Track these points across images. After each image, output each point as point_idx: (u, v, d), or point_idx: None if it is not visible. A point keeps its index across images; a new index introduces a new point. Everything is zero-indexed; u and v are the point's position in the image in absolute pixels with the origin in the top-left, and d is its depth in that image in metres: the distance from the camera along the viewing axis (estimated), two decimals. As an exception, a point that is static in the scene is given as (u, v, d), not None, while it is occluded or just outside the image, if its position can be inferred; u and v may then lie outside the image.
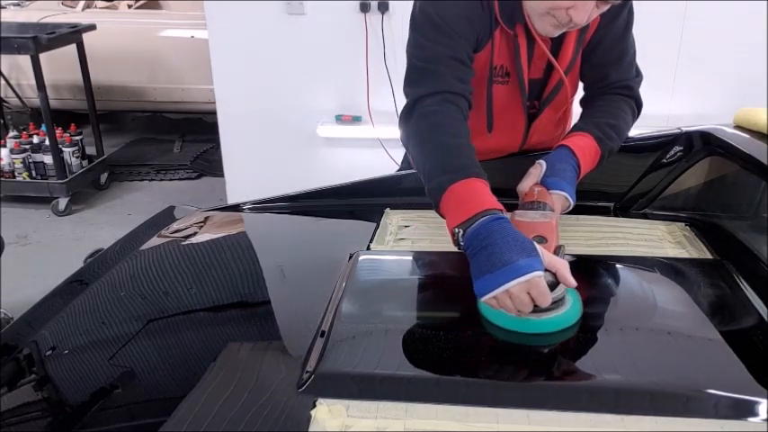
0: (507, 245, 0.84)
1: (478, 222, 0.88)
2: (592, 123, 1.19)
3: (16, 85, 4.26)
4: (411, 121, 1.09)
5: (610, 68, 1.25)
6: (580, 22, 1.06)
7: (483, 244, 0.85)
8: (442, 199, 0.96)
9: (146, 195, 3.90)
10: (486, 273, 0.83)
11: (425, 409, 0.72)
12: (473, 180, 0.95)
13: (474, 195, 0.93)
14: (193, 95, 4.34)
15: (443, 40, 1.10)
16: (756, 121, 1.28)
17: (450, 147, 1.02)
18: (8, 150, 3.54)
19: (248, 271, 1.13)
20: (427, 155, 1.03)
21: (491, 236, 0.85)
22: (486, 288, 0.83)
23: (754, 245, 1.12)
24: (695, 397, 0.74)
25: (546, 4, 1.07)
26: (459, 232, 0.90)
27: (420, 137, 1.06)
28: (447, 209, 0.95)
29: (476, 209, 0.90)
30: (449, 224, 0.93)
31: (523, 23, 1.15)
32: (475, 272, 0.86)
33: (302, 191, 1.39)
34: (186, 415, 0.73)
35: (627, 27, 1.23)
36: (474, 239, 0.87)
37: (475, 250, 0.86)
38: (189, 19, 4.35)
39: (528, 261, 0.82)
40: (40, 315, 1.02)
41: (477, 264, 0.85)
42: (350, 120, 2.98)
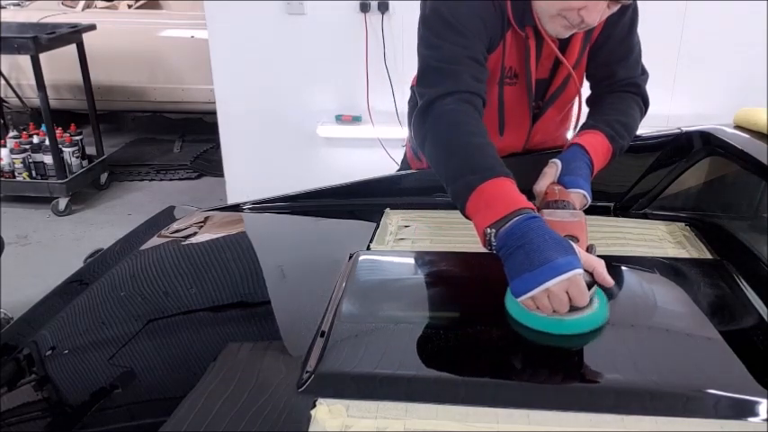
0: (545, 243, 0.83)
1: (513, 222, 0.87)
2: (603, 121, 1.19)
3: (16, 85, 4.26)
4: (428, 121, 1.07)
5: (617, 66, 1.25)
6: (592, 22, 1.06)
7: (519, 243, 0.84)
8: (470, 199, 0.94)
9: (146, 195, 3.90)
10: (525, 271, 0.82)
11: (425, 409, 0.72)
12: (502, 179, 0.94)
13: (504, 195, 0.92)
14: (193, 95, 4.33)
15: (459, 39, 1.09)
16: (756, 121, 1.28)
17: (474, 146, 1.00)
18: (8, 150, 3.54)
19: (248, 271, 1.13)
20: (449, 155, 1.01)
21: (527, 234, 0.84)
22: (525, 287, 0.82)
23: (754, 245, 1.12)
24: (695, 397, 0.74)
25: (557, 6, 1.07)
26: (491, 232, 0.88)
27: (439, 137, 1.05)
28: (476, 209, 0.93)
29: (508, 208, 0.88)
30: (479, 225, 0.92)
31: (533, 25, 1.15)
32: (512, 271, 0.85)
33: (302, 191, 1.39)
34: (186, 415, 0.73)
35: (632, 25, 1.24)
36: (509, 239, 0.86)
37: (510, 250, 0.85)
38: (189, 19, 4.35)
39: (567, 259, 0.81)
40: (40, 315, 1.02)
41: (514, 263, 0.84)
42: (350, 120, 2.98)
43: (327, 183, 1.39)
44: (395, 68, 2.84)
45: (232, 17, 2.87)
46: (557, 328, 0.84)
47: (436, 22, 1.11)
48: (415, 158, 1.51)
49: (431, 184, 1.38)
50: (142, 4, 5.04)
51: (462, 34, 1.09)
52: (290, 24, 2.85)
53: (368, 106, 2.91)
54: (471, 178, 0.94)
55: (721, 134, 1.29)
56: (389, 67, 2.84)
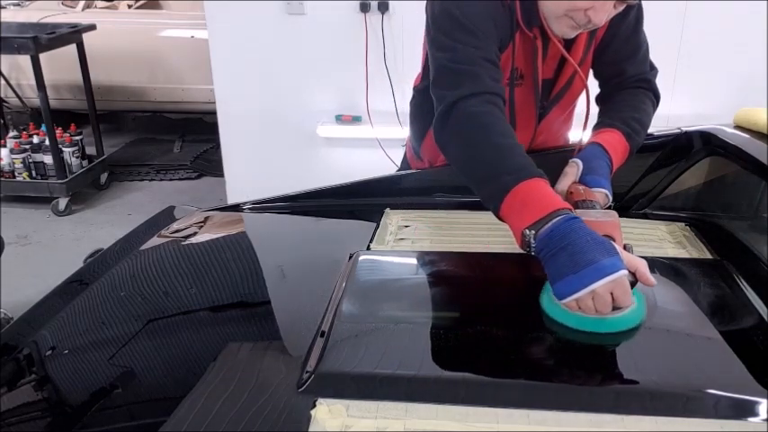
0: (588, 244, 0.82)
1: (553, 223, 0.86)
2: (618, 119, 1.18)
3: (16, 85, 4.26)
4: (451, 124, 1.05)
5: (625, 64, 1.26)
6: (599, 22, 1.06)
7: (561, 244, 0.84)
8: (505, 201, 0.93)
9: (146, 195, 3.90)
10: (569, 273, 0.82)
11: (425, 409, 0.72)
12: (537, 180, 0.93)
13: (541, 195, 0.91)
14: (193, 95, 4.34)
15: (472, 41, 1.08)
16: (756, 121, 1.28)
17: (506, 147, 0.99)
18: (8, 150, 3.54)
19: (248, 271, 1.13)
20: (479, 157, 1.00)
21: (569, 236, 0.84)
22: (570, 289, 0.82)
23: (754, 245, 1.12)
24: (695, 397, 0.74)
25: (564, 6, 1.07)
26: (531, 234, 0.88)
27: (467, 139, 1.04)
28: (511, 211, 0.93)
29: (546, 209, 0.88)
30: (516, 226, 0.91)
31: (539, 26, 1.15)
32: (554, 273, 0.84)
33: (302, 191, 1.39)
34: (186, 415, 0.73)
35: (638, 22, 1.24)
36: (550, 240, 0.85)
37: (552, 251, 0.85)
38: (189, 19, 4.35)
39: (612, 260, 0.81)
40: (40, 315, 1.02)
41: (557, 265, 0.84)
42: (350, 120, 2.98)
43: (327, 183, 1.39)
44: (395, 68, 2.84)
45: (232, 17, 2.87)
46: (599, 326, 0.83)
47: (448, 23, 1.10)
48: (416, 158, 1.51)
49: (431, 184, 1.38)
50: (142, 4, 5.04)
51: (476, 35, 1.09)
52: (290, 24, 2.85)
53: (368, 106, 2.91)
54: (506, 179, 0.93)
55: (721, 134, 1.29)
56: (389, 67, 2.84)
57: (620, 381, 0.79)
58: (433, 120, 1.10)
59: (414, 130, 1.48)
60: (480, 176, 1.00)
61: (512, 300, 0.99)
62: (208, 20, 2.91)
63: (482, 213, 1.27)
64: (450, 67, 1.09)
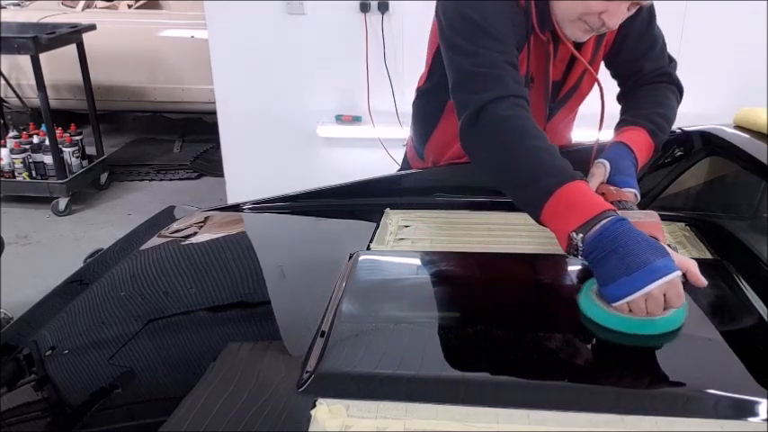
0: (639, 246, 0.81)
1: (601, 225, 0.85)
2: (642, 116, 1.18)
3: (16, 85, 4.26)
4: (480, 128, 1.03)
5: (642, 61, 1.25)
6: (613, 26, 1.06)
7: (612, 246, 0.83)
8: (547, 204, 0.91)
9: (146, 195, 3.90)
10: (622, 276, 0.81)
11: (425, 409, 0.72)
12: (579, 182, 0.92)
13: (586, 197, 0.90)
14: (193, 95, 4.34)
15: (494, 44, 1.07)
16: (756, 121, 1.28)
17: (543, 150, 0.98)
18: (8, 150, 3.54)
19: (248, 271, 1.13)
20: (516, 161, 0.98)
21: (619, 238, 0.83)
22: (623, 291, 0.81)
23: (754, 245, 1.12)
24: (695, 397, 0.74)
25: (578, 10, 1.07)
26: (578, 237, 0.87)
27: (500, 143, 1.01)
28: (555, 214, 0.91)
29: (592, 211, 0.87)
30: (561, 229, 0.90)
31: (551, 29, 1.14)
32: (605, 276, 0.83)
33: (302, 191, 1.39)
34: (186, 415, 0.73)
35: (651, 19, 1.23)
36: (600, 243, 0.84)
37: (602, 254, 0.84)
38: (189, 19, 4.35)
39: (665, 261, 0.80)
40: (40, 315, 1.02)
41: (608, 268, 0.83)
42: (350, 120, 2.98)
43: (327, 183, 1.39)
44: (395, 68, 2.84)
45: (232, 17, 2.87)
46: (649, 328, 0.83)
47: (468, 27, 1.08)
48: (417, 158, 1.51)
49: (431, 184, 1.38)
50: (142, 4, 5.04)
51: (497, 39, 1.07)
52: (290, 24, 2.85)
53: (368, 106, 2.91)
54: (547, 182, 0.92)
55: (721, 134, 1.29)
56: (389, 67, 2.84)
57: (620, 381, 0.79)
58: (459, 125, 1.08)
59: (417, 131, 1.47)
60: (518, 181, 0.98)
61: (512, 300, 0.99)
62: (208, 20, 2.91)
63: (482, 213, 1.27)
64: (473, 72, 1.07)
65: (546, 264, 1.07)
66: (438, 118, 1.36)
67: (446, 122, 1.35)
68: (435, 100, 1.34)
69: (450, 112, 1.31)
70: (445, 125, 1.35)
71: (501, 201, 1.30)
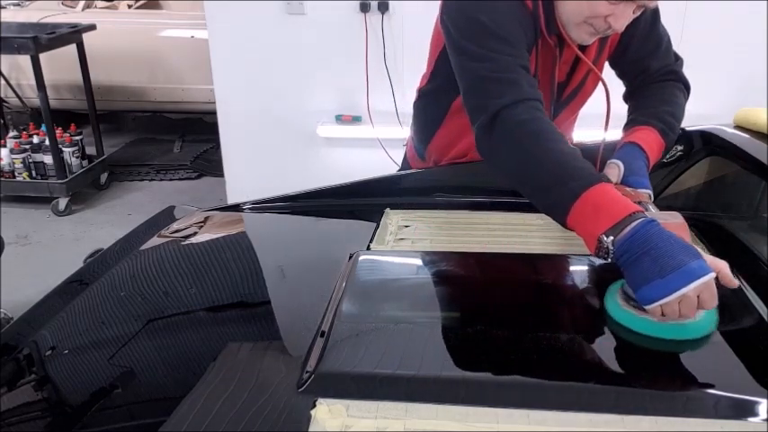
0: (672, 248, 0.81)
1: (632, 227, 0.84)
2: (652, 115, 1.17)
3: (16, 85, 4.26)
4: (499, 133, 1.02)
5: (649, 60, 1.25)
6: (619, 28, 1.06)
7: (644, 248, 0.82)
8: (574, 207, 0.90)
9: (146, 195, 3.90)
10: (656, 278, 0.80)
11: (425, 409, 0.72)
12: (605, 184, 0.91)
13: (614, 199, 0.89)
14: (193, 95, 4.34)
15: (507, 49, 1.06)
16: (756, 121, 1.28)
17: (566, 153, 0.97)
18: (8, 150, 3.54)
19: (248, 271, 1.13)
20: (539, 165, 0.97)
21: (651, 239, 0.82)
22: (657, 294, 0.80)
23: (754, 245, 1.12)
24: (695, 397, 0.74)
25: (584, 13, 1.06)
26: (608, 240, 0.86)
27: (521, 147, 1.00)
28: (582, 217, 0.90)
29: (621, 213, 0.86)
30: (589, 232, 0.89)
31: (557, 33, 1.14)
32: (638, 279, 0.82)
33: (302, 191, 1.39)
34: (186, 415, 0.73)
35: (655, 18, 1.23)
36: (631, 245, 0.83)
37: (634, 256, 0.83)
38: (189, 19, 4.35)
39: (698, 263, 0.79)
40: (40, 315, 1.02)
41: (641, 270, 0.82)
42: (350, 120, 2.98)
43: (327, 183, 1.39)
44: (395, 68, 2.84)
45: (232, 17, 2.87)
46: (682, 333, 0.82)
47: (478, 31, 1.07)
48: (417, 159, 1.51)
49: (431, 184, 1.38)
50: (142, 4, 5.04)
51: (509, 43, 1.07)
52: (290, 24, 2.85)
53: (368, 106, 2.91)
54: (573, 185, 0.91)
55: (721, 134, 1.29)
56: (389, 67, 2.84)
57: (620, 381, 0.79)
58: (474, 130, 1.07)
59: (419, 132, 1.47)
60: (541, 184, 0.97)
61: (511, 300, 0.99)
62: (208, 20, 2.91)
63: (482, 213, 1.27)
64: (486, 76, 1.06)
65: (546, 264, 1.07)
66: (441, 119, 1.36)
67: (450, 123, 1.35)
68: (439, 101, 1.34)
69: (453, 114, 1.31)
70: (449, 126, 1.35)
71: (501, 201, 1.30)
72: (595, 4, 1.05)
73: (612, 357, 0.84)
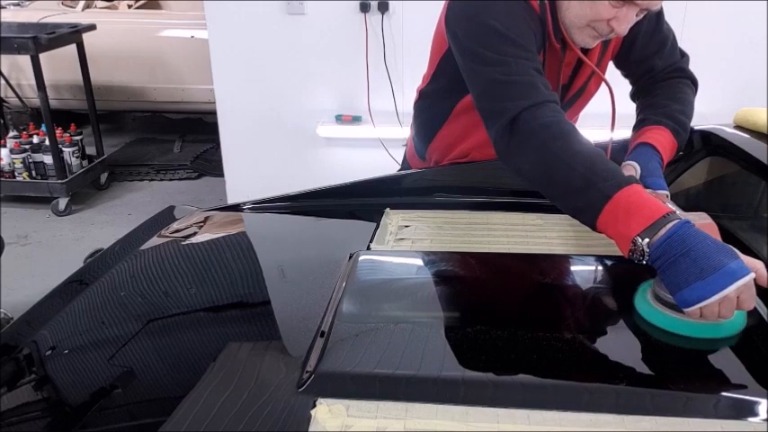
0: (710, 249, 0.80)
1: (668, 229, 0.83)
2: (664, 114, 1.17)
3: (16, 85, 4.26)
4: (521, 136, 1.02)
5: (654, 59, 1.25)
6: (622, 32, 1.06)
7: (682, 250, 0.81)
8: (605, 210, 0.90)
9: (146, 195, 3.90)
10: (696, 280, 0.79)
11: (425, 409, 0.72)
12: (635, 185, 0.90)
13: (646, 201, 0.88)
14: (193, 95, 4.34)
15: (521, 52, 1.06)
16: (756, 121, 1.28)
17: (593, 154, 0.96)
18: (8, 150, 3.54)
19: (248, 271, 1.13)
20: (566, 167, 0.96)
21: (688, 240, 0.81)
22: (699, 296, 0.79)
23: (754, 245, 1.12)
24: (695, 397, 0.74)
25: (587, 17, 1.07)
26: (644, 242, 0.85)
27: (546, 150, 0.99)
28: (613, 219, 0.89)
29: (654, 215, 0.85)
30: (622, 234, 0.88)
31: (561, 37, 1.14)
32: (678, 281, 0.81)
33: (302, 191, 1.39)
34: (186, 415, 0.73)
35: (659, 18, 1.24)
36: (668, 247, 0.82)
37: (672, 258, 0.82)
38: (189, 19, 4.35)
39: (737, 263, 0.79)
40: (40, 315, 1.02)
41: (680, 272, 0.81)
42: (350, 120, 2.98)
43: (327, 183, 1.39)
44: (395, 68, 2.84)
45: (232, 17, 2.87)
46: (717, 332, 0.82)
47: (491, 36, 1.06)
48: (418, 159, 1.51)
49: (431, 184, 1.38)
50: (142, 4, 5.04)
51: (522, 46, 1.06)
52: (290, 24, 2.86)
53: (368, 106, 2.91)
54: (603, 187, 0.90)
55: (721, 134, 1.29)
56: (389, 67, 2.84)
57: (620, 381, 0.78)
58: (492, 134, 1.06)
59: (420, 132, 1.47)
60: (570, 187, 0.95)
61: (511, 299, 0.99)
62: (208, 20, 2.91)
63: (482, 213, 1.27)
64: (503, 80, 1.05)
65: (546, 263, 1.07)
66: (444, 120, 1.36)
67: (452, 124, 1.35)
68: (441, 102, 1.34)
69: (457, 115, 1.31)
70: (451, 127, 1.35)
71: (501, 201, 1.30)
72: (598, 7, 1.05)
73: (613, 357, 0.84)
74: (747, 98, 1.95)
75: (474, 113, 1.14)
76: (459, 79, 1.15)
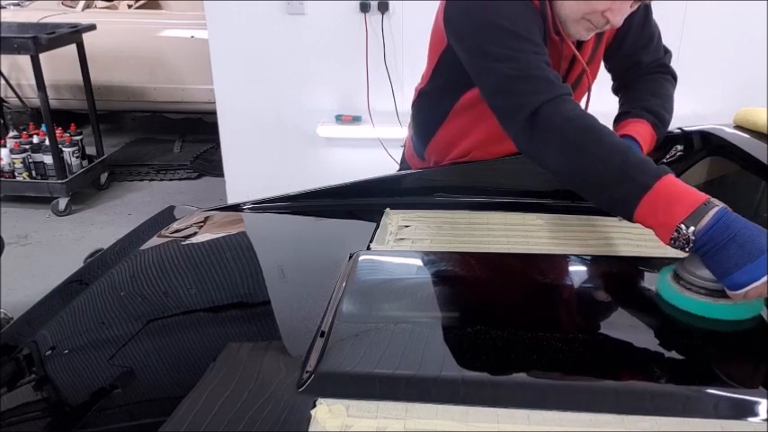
0: (752, 233, 0.82)
1: (712, 215, 0.84)
2: (644, 108, 1.19)
3: (16, 85, 4.26)
4: (544, 130, 1.01)
5: (641, 55, 1.28)
6: (617, 24, 1.07)
7: (729, 235, 0.83)
8: (644, 200, 0.90)
9: (146, 195, 3.90)
10: (746, 263, 0.81)
11: (425, 409, 0.72)
12: (671, 175, 0.91)
13: (685, 190, 0.89)
14: (193, 95, 4.34)
15: (530, 47, 1.06)
16: (756, 121, 1.28)
17: (624, 146, 0.96)
18: (8, 150, 3.55)
19: (248, 271, 1.13)
20: (600, 161, 0.96)
21: (732, 226, 0.83)
22: (750, 278, 0.81)
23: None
24: (695, 397, 0.74)
25: (582, 10, 1.07)
26: (689, 229, 0.85)
27: (575, 143, 0.99)
28: (653, 209, 0.90)
29: (695, 202, 0.86)
30: (665, 223, 0.88)
31: (557, 30, 1.15)
32: (727, 265, 0.83)
33: (302, 191, 1.39)
34: (186, 415, 0.73)
35: (647, 13, 1.26)
36: (715, 233, 0.84)
37: (719, 243, 0.83)
38: (189, 19, 4.35)
39: None
40: (40, 315, 1.02)
41: (729, 257, 0.82)
42: (350, 120, 2.98)
43: (327, 183, 1.39)
44: (395, 68, 2.84)
45: (232, 17, 2.87)
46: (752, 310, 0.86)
47: (498, 33, 1.06)
48: (417, 159, 1.51)
49: (431, 184, 1.38)
50: (142, 4, 5.04)
51: (531, 41, 1.07)
52: (290, 24, 2.86)
53: (368, 106, 2.91)
54: (641, 178, 0.91)
55: (721, 134, 1.30)
56: (389, 67, 2.84)
57: (621, 381, 0.79)
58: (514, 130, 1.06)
59: (418, 132, 1.47)
60: (604, 180, 0.95)
61: (512, 299, 0.99)
62: (208, 20, 2.91)
63: (482, 213, 1.27)
64: (517, 75, 1.05)
65: (546, 263, 1.07)
66: (443, 119, 1.36)
67: (452, 123, 1.35)
68: (440, 101, 1.34)
69: (456, 113, 1.31)
70: (450, 126, 1.35)
71: (501, 201, 1.30)
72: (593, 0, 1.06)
73: (613, 358, 0.84)
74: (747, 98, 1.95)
75: (473, 111, 1.14)
76: (458, 77, 1.15)
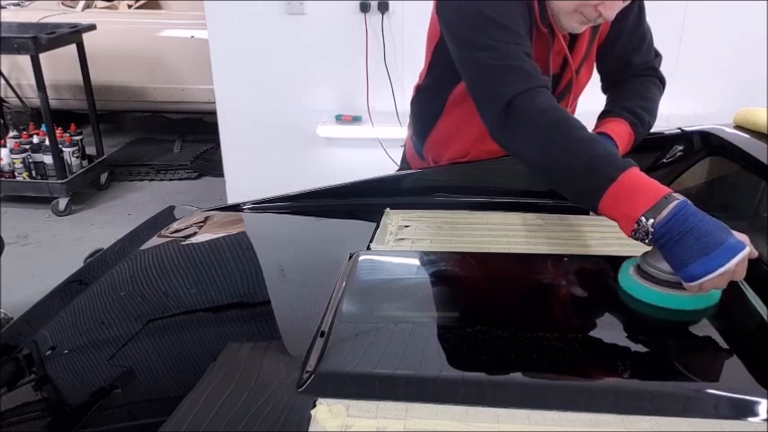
0: (709, 226, 0.84)
1: (671, 209, 0.86)
2: (624, 108, 1.21)
3: (16, 85, 4.26)
4: (517, 121, 1.03)
5: (632, 56, 1.28)
6: (609, 17, 1.07)
7: (686, 228, 0.84)
8: (608, 192, 0.92)
9: (146, 195, 3.90)
10: (701, 256, 0.83)
11: (425, 409, 0.72)
12: (635, 168, 0.93)
13: (648, 183, 0.91)
14: (193, 95, 4.34)
15: (512, 37, 1.07)
16: (756, 121, 1.28)
17: (592, 139, 0.99)
18: (8, 150, 3.55)
19: (248, 271, 1.13)
20: (566, 152, 0.98)
21: (690, 219, 0.85)
22: (704, 270, 0.83)
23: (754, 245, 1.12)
24: (695, 397, 0.74)
25: (575, 2, 1.08)
26: (648, 221, 0.87)
27: (545, 135, 1.01)
28: (617, 201, 0.92)
29: (656, 195, 0.88)
30: (627, 215, 0.90)
31: (548, 23, 1.15)
32: (683, 257, 0.85)
33: (302, 191, 1.39)
34: (186, 415, 0.73)
35: (641, 13, 1.26)
36: (672, 226, 0.86)
37: (676, 236, 0.85)
38: (189, 19, 4.35)
39: (734, 238, 0.84)
40: (40, 315, 1.02)
41: (684, 249, 0.84)
42: (350, 120, 2.98)
43: (327, 183, 1.39)
44: (395, 68, 2.84)
45: (232, 17, 2.87)
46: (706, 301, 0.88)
47: (482, 22, 1.07)
48: (417, 158, 1.51)
49: (431, 184, 1.38)
50: (142, 4, 5.04)
51: (513, 31, 1.07)
52: (290, 24, 2.86)
53: (368, 106, 2.91)
54: (606, 170, 0.93)
55: (721, 134, 1.30)
56: (389, 67, 2.84)
57: (621, 380, 0.79)
58: (487, 118, 1.07)
59: (416, 129, 1.47)
60: (571, 172, 0.98)
61: (512, 299, 0.99)
62: (208, 20, 2.91)
63: (482, 213, 1.27)
64: (496, 65, 1.06)
65: (546, 263, 1.07)
66: (440, 112, 1.36)
67: (448, 116, 1.35)
68: (436, 94, 1.34)
69: (452, 106, 1.32)
70: (447, 119, 1.35)
71: (501, 201, 1.30)
72: None
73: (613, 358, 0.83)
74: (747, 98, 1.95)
75: (469, 104, 1.14)
76: (452, 67, 1.16)
